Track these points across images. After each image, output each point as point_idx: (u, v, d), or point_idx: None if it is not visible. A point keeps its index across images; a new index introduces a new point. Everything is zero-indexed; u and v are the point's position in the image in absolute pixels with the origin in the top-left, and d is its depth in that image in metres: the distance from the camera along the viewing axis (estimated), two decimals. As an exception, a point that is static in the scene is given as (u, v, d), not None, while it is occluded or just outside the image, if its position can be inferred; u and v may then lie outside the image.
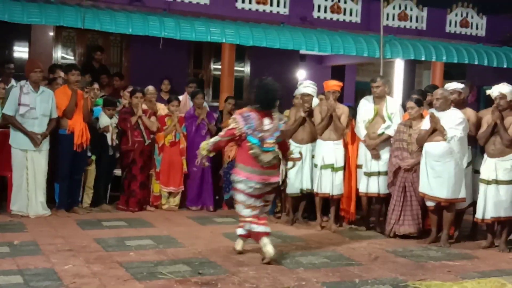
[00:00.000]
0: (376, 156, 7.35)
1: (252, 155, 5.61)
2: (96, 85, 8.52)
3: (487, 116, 6.76)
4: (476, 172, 6.96)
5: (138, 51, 11.20)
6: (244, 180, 5.66)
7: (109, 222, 7.29)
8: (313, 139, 7.64)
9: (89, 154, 7.90)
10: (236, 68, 10.96)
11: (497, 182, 6.55)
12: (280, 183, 7.82)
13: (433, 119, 6.68)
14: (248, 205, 5.74)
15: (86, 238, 6.35)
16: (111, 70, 10.81)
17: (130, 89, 8.64)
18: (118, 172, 8.44)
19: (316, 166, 7.46)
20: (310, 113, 7.57)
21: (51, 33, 10.94)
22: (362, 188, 7.49)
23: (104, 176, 8.17)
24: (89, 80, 7.67)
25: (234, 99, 9.24)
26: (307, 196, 7.74)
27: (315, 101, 7.78)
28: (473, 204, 7.07)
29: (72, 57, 11.34)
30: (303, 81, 8.35)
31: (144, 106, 8.25)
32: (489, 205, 6.60)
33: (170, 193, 8.38)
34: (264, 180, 5.69)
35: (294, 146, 7.64)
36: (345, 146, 7.60)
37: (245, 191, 5.70)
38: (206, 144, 5.83)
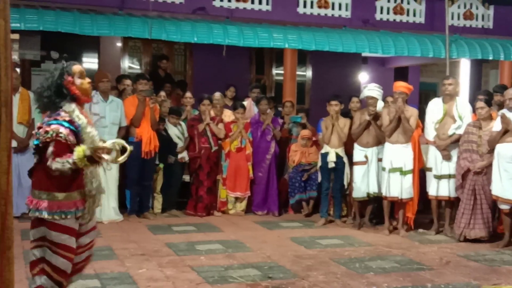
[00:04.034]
0: (447, 157, 7.22)
1: None
2: (163, 93, 8.70)
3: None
4: None
5: (201, 59, 11.40)
6: None
7: (178, 227, 7.44)
8: (378, 142, 7.56)
9: (156, 162, 8.08)
10: (297, 72, 10.96)
11: None
12: (346, 186, 7.90)
13: (505, 119, 6.49)
14: None
15: (157, 243, 6.50)
16: (176, 78, 11.04)
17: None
18: (186, 178, 8.61)
19: (384, 170, 7.36)
20: (375, 116, 7.50)
21: (119, 44, 11.27)
22: (432, 192, 7.37)
23: (173, 182, 8.34)
24: (151, 89, 7.87)
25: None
26: (374, 200, 7.68)
27: (380, 104, 7.71)
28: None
29: (138, 67, 11.65)
30: (368, 84, 8.28)
31: (212, 113, 8.38)
32: None
33: (236, 198, 8.47)
34: None
35: (359, 150, 7.61)
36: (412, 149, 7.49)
37: None
38: None
